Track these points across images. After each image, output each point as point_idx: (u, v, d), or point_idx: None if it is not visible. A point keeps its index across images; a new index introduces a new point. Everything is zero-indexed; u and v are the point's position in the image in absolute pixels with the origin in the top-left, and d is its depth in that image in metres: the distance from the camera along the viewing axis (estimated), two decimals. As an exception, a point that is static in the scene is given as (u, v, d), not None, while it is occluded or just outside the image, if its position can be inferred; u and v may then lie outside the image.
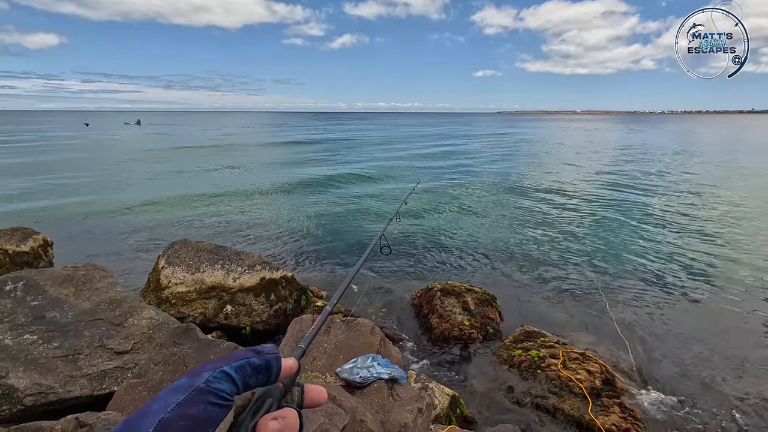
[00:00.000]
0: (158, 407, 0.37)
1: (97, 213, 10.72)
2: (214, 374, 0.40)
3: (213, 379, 0.40)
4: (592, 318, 5.38)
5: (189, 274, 4.79)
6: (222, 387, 0.40)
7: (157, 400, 0.38)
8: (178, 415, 0.36)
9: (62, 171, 17.41)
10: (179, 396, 0.38)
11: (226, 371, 0.41)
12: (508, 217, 10.66)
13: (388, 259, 7.40)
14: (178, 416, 0.36)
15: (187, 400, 0.37)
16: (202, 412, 0.37)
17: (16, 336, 3.19)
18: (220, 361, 0.42)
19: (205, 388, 0.39)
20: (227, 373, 0.41)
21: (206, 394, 0.38)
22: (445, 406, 3.35)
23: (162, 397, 0.38)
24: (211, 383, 0.39)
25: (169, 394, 0.38)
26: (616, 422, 3.36)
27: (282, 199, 13.01)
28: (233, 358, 0.43)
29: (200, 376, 0.40)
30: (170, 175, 17.00)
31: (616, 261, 7.45)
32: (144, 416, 0.36)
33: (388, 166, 20.84)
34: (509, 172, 18.90)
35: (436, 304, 5.17)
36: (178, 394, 0.38)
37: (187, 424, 0.36)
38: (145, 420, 0.36)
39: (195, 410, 0.37)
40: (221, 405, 0.39)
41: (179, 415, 0.36)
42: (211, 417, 0.38)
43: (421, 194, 13.25)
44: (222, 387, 0.40)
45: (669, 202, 12.37)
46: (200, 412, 0.37)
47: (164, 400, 0.37)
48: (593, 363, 4.02)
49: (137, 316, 3.67)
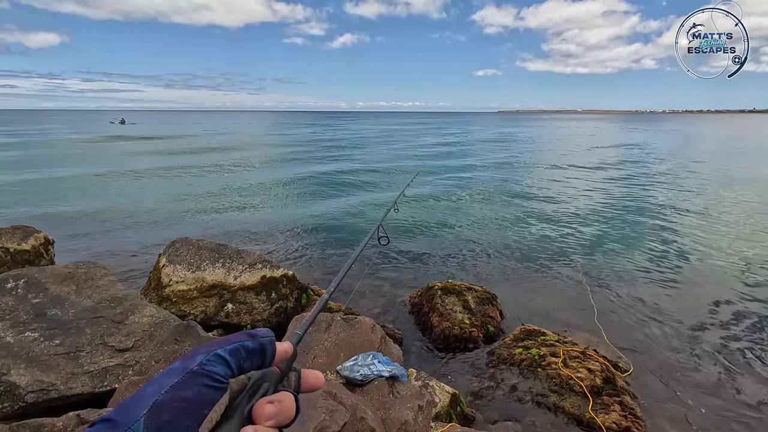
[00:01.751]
0: (152, 390, 0.37)
1: (97, 212, 10.74)
2: (207, 357, 0.40)
3: (207, 362, 0.40)
4: (592, 316, 5.37)
5: (190, 272, 4.80)
6: (216, 370, 0.40)
7: (151, 384, 0.38)
8: (172, 398, 0.36)
9: (58, 168, 17.46)
10: (173, 379, 0.38)
11: (219, 354, 0.41)
12: (509, 215, 10.65)
13: (389, 258, 7.41)
14: (172, 398, 0.36)
15: (180, 383, 0.37)
16: (196, 394, 0.37)
17: (18, 333, 3.20)
18: (214, 345, 0.42)
19: (198, 371, 0.39)
20: (221, 356, 0.41)
21: (200, 376, 0.38)
22: (445, 403, 3.35)
23: (156, 380, 0.38)
24: (204, 366, 0.39)
25: (163, 377, 0.38)
26: (617, 420, 3.36)
27: (282, 198, 13.02)
28: (227, 341, 0.43)
29: (194, 359, 0.40)
30: (166, 174, 17.02)
31: (618, 259, 7.44)
32: (138, 399, 0.36)
33: (389, 164, 20.84)
34: (510, 170, 18.88)
35: (437, 302, 5.17)
36: (172, 376, 0.38)
37: (181, 406, 0.36)
38: (139, 402, 0.36)
39: (189, 393, 0.37)
40: (215, 387, 0.39)
41: (173, 398, 0.36)
42: (205, 399, 0.38)
43: (421, 193, 13.26)
44: (216, 370, 0.40)
45: (674, 199, 12.34)
46: (194, 395, 0.37)
47: (158, 383, 0.38)
48: (594, 361, 4.01)
49: (138, 314, 3.68)
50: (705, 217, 10.40)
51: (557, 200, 12.56)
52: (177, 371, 0.39)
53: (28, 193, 12.93)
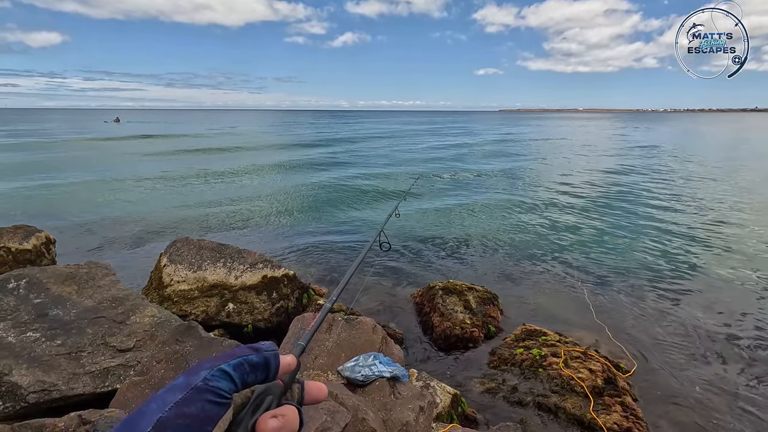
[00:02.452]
0: (156, 406, 0.37)
1: (98, 211, 10.75)
2: (211, 372, 0.40)
3: (211, 378, 0.39)
4: (593, 316, 5.36)
5: (191, 272, 4.80)
6: (220, 385, 0.39)
7: (155, 399, 0.38)
8: (176, 414, 0.36)
9: (60, 170, 17.48)
10: (177, 395, 0.37)
11: (224, 369, 0.40)
12: (510, 215, 10.64)
13: (390, 258, 7.41)
14: (176, 415, 0.36)
15: (185, 399, 0.37)
16: (200, 410, 0.37)
17: (19, 333, 3.20)
18: (217, 359, 0.42)
19: (203, 387, 0.38)
20: (225, 371, 0.40)
21: (204, 392, 0.38)
22: (446, 404, 3.35)
23: (160, 396, 0.38)
24: (209, 381, 0.39)
25: (166, 393, 0.38)
26: (618, 421, 3.36)
27: (283, 197, 13.02)
28: (231, 356, 0.42)
29: (198, 374, 0.39)
30: (166, 174, 17.03)
31: (620, 258, 7.43)
32: (142, 415, 0.36)
33: (390, 163, 20.83)
34: (511, 170, 18.86)
35: (438, 302, 5.17)
36: (176, 392, 0.38)
37: (185, 422, 0.36)
38: (143, 419, 0.36)
39: (193, 409, 0.37)
40: (219, 403, 0.39)
41: (177, 414, 0.36)
42: (209, 415, 0.38)
43: (421, 192, 13.25)
44: (220, 385, 0.39)
45: (674, 197, 12.32)
46: (198, 411, 0.37)
47: (162, 400, 0.37)
48: (595, 362, 4.01)
49: (139, 314, 3.69)
50: (705, 214, 10.38)
51: (558, 200, 12.54)
52: (181, 387, 0.38)
53: (27, 193, 12.94)
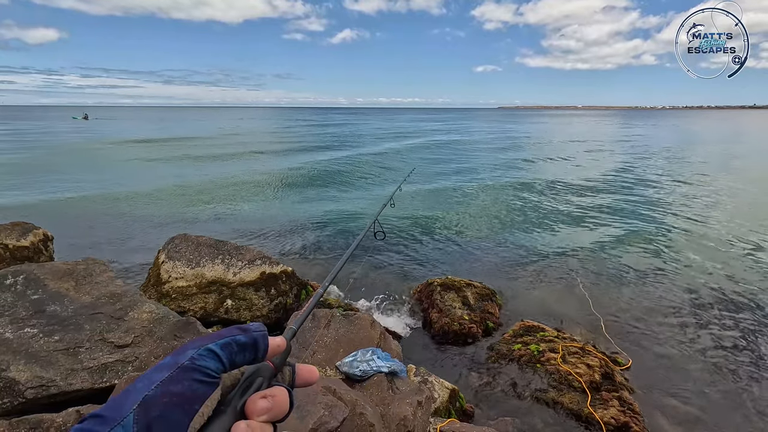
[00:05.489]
0: (142, 385, 0.37)
1: (96, 208, 10.73)
2: (198, 351, 0.40)
3: (198, 357, 0.39)
4: (591, 311, 5.37)
5: (189, 268, 4.79)
6: (207, 364, 0.39)
7: (142, 379, 0.38)
8: (162, 393, 0.36)
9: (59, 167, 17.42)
10: (163, 373, 0.37)
11: (211, 348, 0.40)
12: (508, 211, 10.65)
13: (388, 255, 7.41)
14: (162, 393, 0.36)
15: (171, 378, 0.37)
16: (187, 389, 0.37)
17: (17, 329, 3.19)
18: (205, 339, 0.41)
19: (189, 366, 0.38)
20: (212, 351, 0.40)
21: (191, 371, 0.38)
22: (444, 399, 3.36)
23: (147, 375, 0.38)
24: (195, 360, 0.39)
25: (153, 372, 0.38)
26: (615, 415, 3.37)
27: (282, 194, 13.00)
28: (219, 336, 0.42)
29: (185, 353, 0.39)
30: (168, 169, 16.99)
31: (617, 254, 7.44)
32: (128, 394, 0.36)
33: (389, 160, 20.80)
34: (509, 165, 18.85)
35: (436, 298, 5.18)
36: (163, 371, 0.38)
37: (171, 401, 0.36)
38: (129, 397, 0.36)
39: (179, 387, 0.37)
40: (207, 382, 0.38)
41: (163, 392, 0.36)
42: (196, 394, 0.37)
43: (419, 189, 13.24)
44: (207, 364, 0.39)
45: (673, 194, 12.33)
46: (184, 389, 0.37)
47: (149, 378, 0.37)
48: (592, 357, 4.02)
49: (138, 310, 3.68)
50: (705, 211, 10.40)
51: (557, 196, 12.54)
52: (168, 366, 0.38)
53: (26, 189, 12.90)
